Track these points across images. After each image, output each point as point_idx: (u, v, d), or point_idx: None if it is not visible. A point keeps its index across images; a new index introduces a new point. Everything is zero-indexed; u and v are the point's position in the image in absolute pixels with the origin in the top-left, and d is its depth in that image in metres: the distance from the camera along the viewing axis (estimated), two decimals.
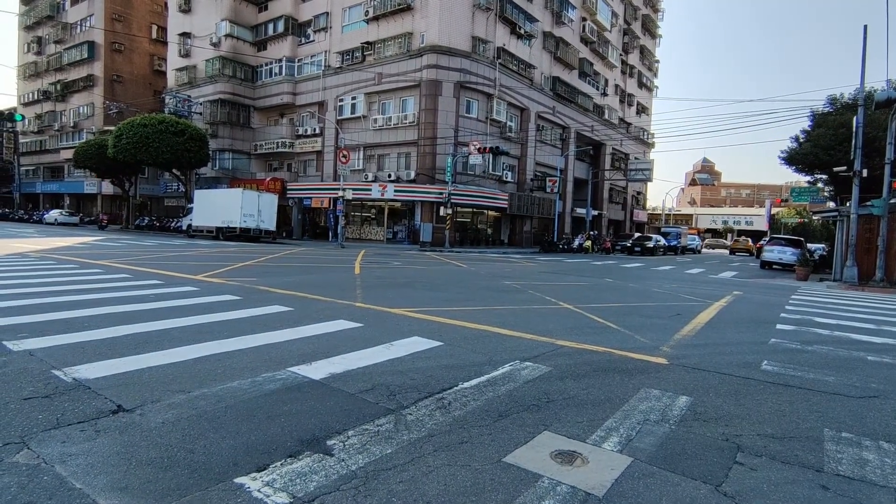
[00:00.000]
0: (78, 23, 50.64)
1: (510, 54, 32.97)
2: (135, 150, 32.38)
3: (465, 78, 30.14)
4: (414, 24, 30.37)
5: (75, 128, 50.56)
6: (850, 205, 18.07)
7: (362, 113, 32.61)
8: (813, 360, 5.54)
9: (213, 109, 38.16)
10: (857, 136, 17.05)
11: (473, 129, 30.91)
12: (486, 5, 30.79)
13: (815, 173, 28.95)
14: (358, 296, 8.79)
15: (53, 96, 52.27)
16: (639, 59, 52.69)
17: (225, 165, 39.28)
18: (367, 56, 32.38)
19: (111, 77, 48.32)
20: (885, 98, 15.42)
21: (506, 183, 34.15)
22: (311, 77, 35.51)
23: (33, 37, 55.82)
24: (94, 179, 46.76)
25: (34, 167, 58.04)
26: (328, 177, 34.10)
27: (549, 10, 36.46)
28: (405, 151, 31.53)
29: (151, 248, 18.47)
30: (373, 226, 33.51)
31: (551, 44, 36.84)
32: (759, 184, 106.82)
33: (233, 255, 16.61)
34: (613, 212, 50.45)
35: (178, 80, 41.76)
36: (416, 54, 30.03)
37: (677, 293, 11.89)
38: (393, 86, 31.26)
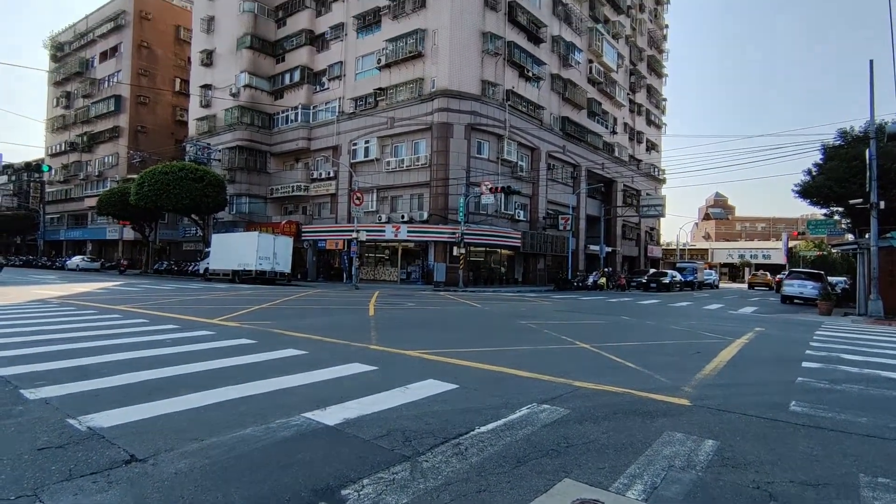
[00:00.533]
0: (106, 78, 53.14)
1: (519, 96, 33.72)
2: (156, 196, 33.32)
3: (475, 120, 30.80)
4: (425, 69, 31.34)
5: (100, 177, 52.32)
6: (869, 237, 17.78)
7: (375, 156, 33.31)
8: (843, 400, 5.33)
9: (231, 156, 39.30)
10: (871, 168, 16.95)
11: (485, 170, 31.34)
12: (495, 51, 31.75)
13: (830, 206, 28.65)
14: (372, 338, 8.75)
15: (80, 147, 54.37)
16: (646, 98, 53.51)
17: (242, 209, 40.12)
18: (380, 101, 33.34)
19: (135, 128, 50.26)
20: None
21: (518, 221, 34.29)
22: (325, 123, 36.56)
23: (62, 92, 58.55)
24: (116, 225, 48.00)
25: (59, 215, 59.82)
26: (342, 219, 34.57)
27: (556, 53, 37.45)
28: (418, 192, 31.96)
29: (169, 293, 18.70)
30: (386, 266, 33.65)
31: (559, 85, 37.66)
32: (773, 217, 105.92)
33: (248, 299, 16.72)
34: (627, 248, 50.17)
35: (198, 129, 43.26)
36: (427, 98, 30.86)
37: (696, 330, 11.64)
38: (405, 129, 32.02)
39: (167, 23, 53.54)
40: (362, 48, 34.79)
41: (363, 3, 34.69)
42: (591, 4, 41.49)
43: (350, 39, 35.54)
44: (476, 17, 31.22)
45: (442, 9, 30.49)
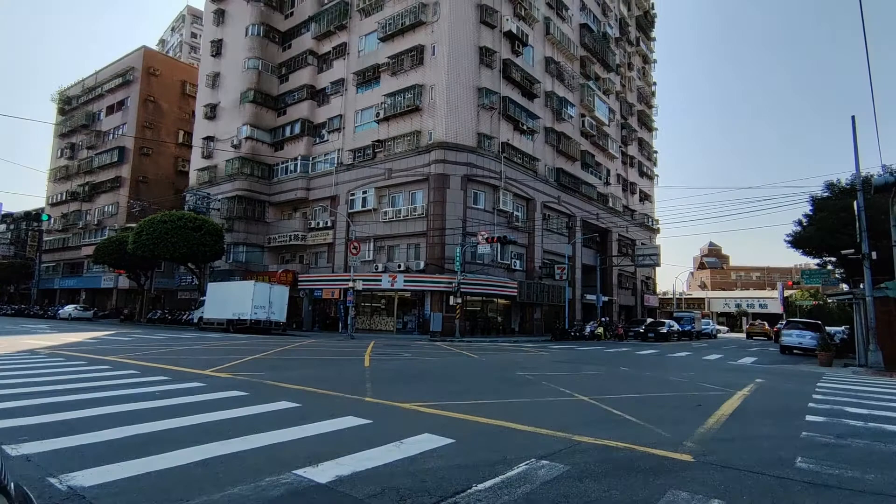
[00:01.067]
0: (111, 130, 54.42)
1: (514, 148, 34.58)
2: (153, 245, 33.40)
3: (471, 171, 31.43)
4: (422, 123, 32.26)
5: (98, 225, 52.61)
6: (863, 287, 17.85)
7: (373, 206, 33.73)
8: (850, 456, 5.20)
9: (231, 205, 39.72)
10: (860, 219, 17.24)
11: (481, 220, 31.70)
12: (490, 105, 32.82)
13: (822, 256, 28.94)
14: (367, 390, 8.57)
15: (81, 197, 54.93)
16: (638, 151, 54.93)
17: (239, 258, 40.16)
18: (378, 153, 34.10)
19: (137, 178, 51.01)
20: (882, 183, 15.78)
21: (514, 271, 34.38)
22: (324, 173, 37.22)
23: (67, 143, 59.75)
24: (112, 274, 47.84)
25: (55, 263, 59.67)
26: (339, 268, 34.59)
27: (550, 108, 38.71)
28: (414, 242, 32.17)
29: (161, 342, 18.41)
30: (383, 316, 33.41)
31: (553, 138, 38.71)
32: (768, 266, 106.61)
33: (242, 349, 16.47)
34: (624, 297, 50.11)
35: (199, 179, 43.91)
36: (424, 150, 31.59)
37: (697, 382, 11.47)
38: (403, 180, 32.59)
39: (173, 78, 55.38)
40: (361, 102, 35.92)
41: (363, 61, 36.10)
42: (582, 63, 43.26)
43: (350, 94, 36.74)
44: (472, 74, 32.45)
45: (439, 66, 31.72)
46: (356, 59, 36.81)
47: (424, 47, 32.60)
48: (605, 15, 48.40)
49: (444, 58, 31.51)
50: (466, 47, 32.32)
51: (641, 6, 58.51)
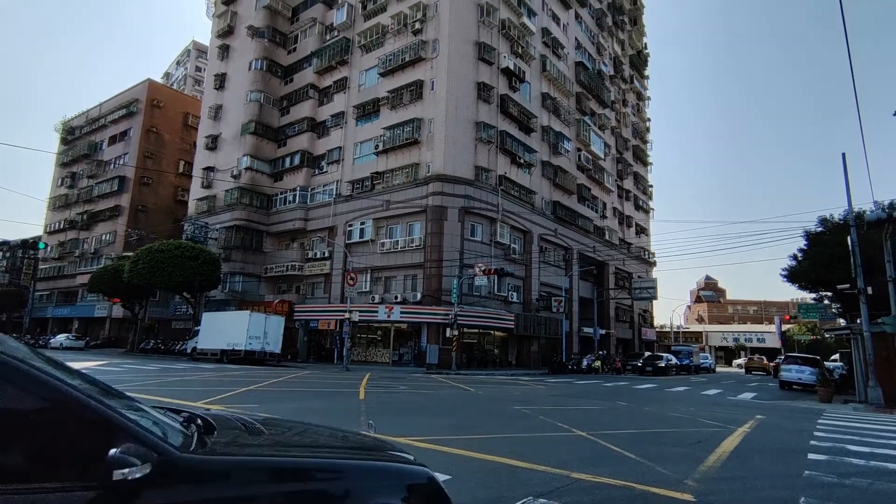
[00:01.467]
0: (112, 160, 54.91)
1: (511, 181, 34.98)
2: (149, 273, 33.28)
3: (469, 204, 31.70)
4: (421, 155, 32.69)
5: (95, 254, 52.46)
6: (860, 322, 17.85)
7: (371, 237, 33.84)
8: (853, 496, 5.11)
9: (228, 235, 39.79)
10: (854, 254, 17.37)
11: (478, 252, 31.79)
12: (488, 139, 33.36)
13: (818, 290, 29.02)
14: (362, 423, 8.43)
15: (79, 225, 54.99)
16: (633, 185, 55.64)
17: (235, 288, 39.99)
18: (377, 185, 34.42)
19: (136, 207, 51.20)
20: (875, 219, 15.98)
21: (511, 304, 34.28)
22: (322, 204, 37.46)
23: (68, 172, 60.15)
24: (106, 303, 47.45)
25: (49, 292, 59.23)
26: (335, 299, 34.44)
27: (546, 142, 39.36)
28: (412, 274, 32.15)
29: (153, 373, 18.14)
30: (378, 348, 33.09)
31: (550, 171, 39.21)
32: (765, 300, 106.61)
33: (235, 380, 16.23)
34: (621, 330, 49.87)
35: (197, 209, 44.11)
36: (422, 182, 31.92)
37: (696, 417, 11.32)
38: (400, 212, 32.80)
39: (177, 110, 56.27)
40: (361, 135, 36.47)
41: (363, 95, 36.83)
42: (578, 99, 44.22)
43: (350, 127, 37.34)
44: (470, 109, 33.09)
45: (438, 101, 32.37)
46: (356, 92, 37.57)
47: (424, 82, 33.34)
48: (600, 53, 49.76)
49: (443, 93, 32.19)
50: (465, 83, 33.06)
51: (634, 46, 60.24)
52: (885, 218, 16.12)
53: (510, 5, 36.50)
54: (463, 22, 33.61)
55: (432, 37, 33.50)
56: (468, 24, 33.95)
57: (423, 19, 33.94)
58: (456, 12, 33.24)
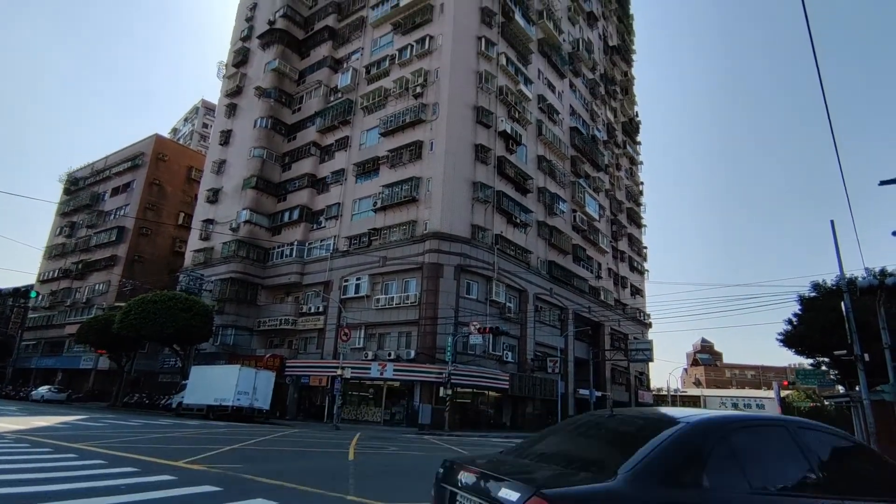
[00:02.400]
0: (113, 210, 55.50)
1: (507, 240, 35.38)
2: (140, 324, 32.82)
3: (465, 262, 31.90)
4: (418, 213, 33.22)
5: (87, 304, 51.97)
6: (859, 389, 17.61)
7: (366, 293, 33.77)
8: None
9: (223, 287, 39.64)
10: (849, 321, 17.39)
11: (473, 310, 31.68)
12: (484, 199, 34.03)
13: (815, 356, 28.82)
14: (350, 487, 8.12)
15: (73, 274, 54.77)
16: (628, 246, 56.30)
17: (226, 341, 39.39)
18: (374, 241, 34.74)
19: (132, 257, 51.24)
20: (867, 285, 16.12)
21: (506, 363, 33.80)
22: (319, 259, 37.62)
23: (68, 221, 60.62)
24: (92, 355, 46.46)
25: (36, 341, 58.15)
26: (328, 354, 33.92)
27: (542, 202, 40.14)
28: (406, 331, 31.86)
29: (135, 429, 17.54)
30: (370, 406, 32.25)
31: (545, 231, 39.76)
32: (762, 365, 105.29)
33: (220, 437, 15.70)
34: (617, 393, 48.89)
35: (194, 260, 44.17)
36: (419, 239, 32.24)
37: None
38: (397, 268, 32.92)
39: (180, 164, 57.54)
40: (360, 192, 37.19)
41: (363, 153, 37.87)
42: (573, 162, 45.54)
43: (349, 184, 38.13)
44: (468, 169, 33.97)
45: (436, 161, 33.28)
46: (357, 151, 38.64)
47: (423, 143, 34.39)
48: (594, 120, 51.73)
49: (442, 153, 33.15)
50: (463, 144, 34.12)
51: (626, 114, 62.75)
52: (877, 285, 16.27)
53: (508, 73, 38.28)
54: (462, 87, 35.12)
55: (432, 100, 34.89)
56: (467, 89, 35.46)
57: (424, 84, 35.47)
58: (456, 78, 34.81)
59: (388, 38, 40.08)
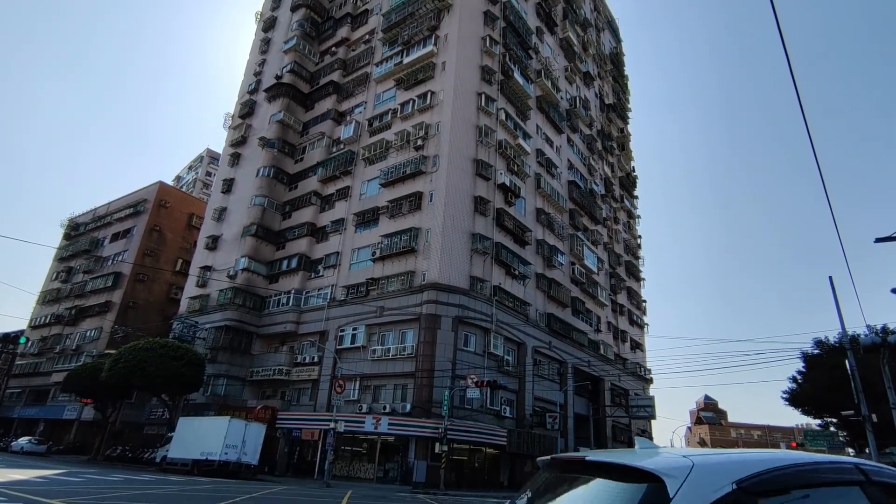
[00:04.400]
0: (111, 256, 55.43)
1: (506, 292, 35.17)
2: (129, 373, 32.00)
3: (463, 313, 31.57)
4: (417, 264, 33.18)
5: (76, 350, 50.95)
6: (868, 451, 17.01)
7: (362, 343, 33.23)
8: None
9: (217, 335, 39.01)
10: (854, 379, 17.03)
11: (471, 363, 31.07)
12: (483, 250, 34.10)
13: (823, 416, 28.08)
14: None
15: (65, 320, 54.01)
16: (627, 300, 56.02)
17: (217, 391, 38.35)
18: (371, 290, 34.51)
19: (127, 303, 50.71)
20: (870, 343, 15.88)
21: (504, 418, 32.83)
22: (316, 308, 37.25)
23: (65, 267, 60.39)
24: (76, 404, 45.11)
25: (21, 389, 56.57)
26: (321, 406, 32.98)
27: (541, 255, 40.23)
28: (402, 383, 31.12)
29: (115, 485, 16.72)
30: (363, 462, 31.00)
31: (544, 284, 39.62)
32: (769, 425, 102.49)
33: (202, 496, 14.93)
34: None
35: (189, 307, 43.71)
36: (417, 290, 32.03)
37: None
38: (394, 318, 32.54)
39: (182, 211, 58.04)
40: (359, 241, 37.30)
41: (364, 203, 38.27)
42: (571, 215, 46.03)
43: (348, 233, 38.31)
44: (466, 221, 34.22)
45: (436, 212, 33.58)
46: (357, 201, 39.07)
47: (423, 194, 34.82)
48: (591, 174, 52.70)
49: (441, 205, 33.49)
50: (462, 196, 34.54)
51: (623, 168, 64.06)
52: (879, 342, 16.02)
53: (507, 128, 39.30)
54: (462, 141, 35.94)
55: (433, 153, 35.62)
56: (467, 142, 36.27)
57: (424, 137, 36.33)
58: (456, 132, 35.68)
59: (390, 92, 41.43)
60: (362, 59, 45.56)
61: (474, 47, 39.61)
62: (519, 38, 43.87)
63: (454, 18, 39.65)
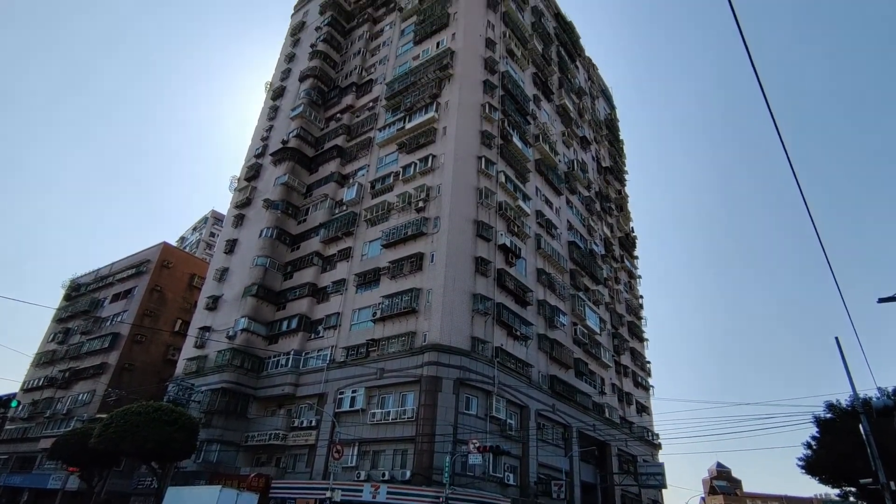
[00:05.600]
0: (111, 317, 55.09)
1: (507, 353, 34.65)
2: (119, 438, 30.90)
3: (464, 375, 30.96)
4: (418, 324, 32.91)
5: (67, 415, 49.55)
6: None
7: (362, 406, 32.40)
8: None
9: (213, 398, 38.06)
10: (870, 446, 16.45)
11: (473, 427, 30.14)
12: (485, 311, 33.92)
13: (841, 485, 26.84)
14: None
15: (58, 383, 52.89)
16: (631, 361, 55.05)
17: (210, 458, 36.93)
18: (372, 352, 34.04)
19: (123, 365, 49.84)
20: (882, 406, 15.49)
21: (508, 486, 31.42)
22: (315, 370, 36.60)
23: (62, 328, 59.87)
24: (62, 473, 43.33)
25: (7, 456, 54.56)
26: (318, 473, 31.68)
27: (542, 315, 39.94)
28: (402, 448, 30.05)
29: None
30: None
31: (546, 345, 39.09)
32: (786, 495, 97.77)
33: None
34: None
35: (186, 369, 42.94)
36: (418, 351, 31.59)
37: None
38: (394, 381, 31.89)
39: (184, 271, 58.28)
40: (360, 302, 37.19)
41: (365, 264, 38.47)
42: (572, 275, 46.11)
43: (349, 294, 38.26)
44: (468, 281, 34.26)
45: (437, 273, 33.69)
46: (359, 261, 39.30)
47: (424, 255, 35.07)
48: (591, 234, 53.29)
49: (442, 265, 33.66)
50: (463, 256, 34.77)
51: (622, 229, 64.85)
52: (892, 406, 15.60)
53: (506, 190, 40.15)
54: (463, 202, 36.62)
55: (434, 214, 36.20)
56: (468, 204, 36.95)
57: (426, 199, 37.06)
58: (457, 195, 36.43)
59: (393, 156, 42.70)
60: (366, 124, 47.31)
61: (474, 113, 41.21)
62: (517, 104, 45.73)
63: (455, 87, 41.52)
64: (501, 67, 45.93)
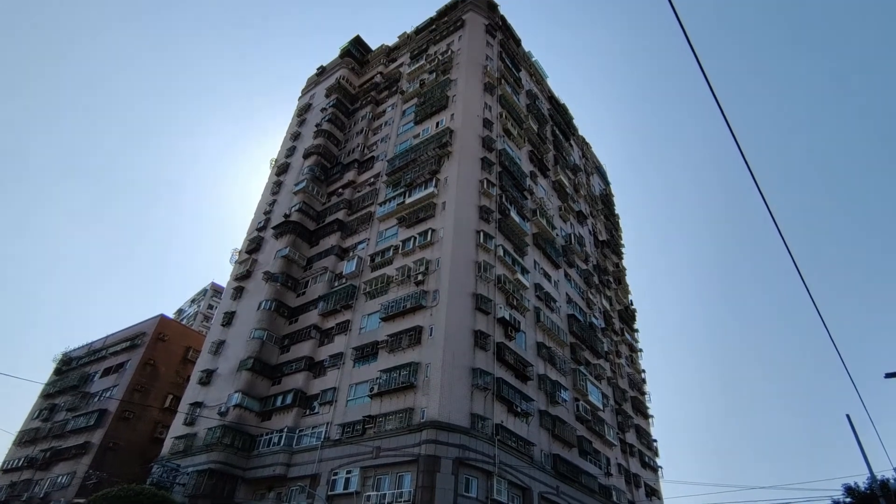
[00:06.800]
0: (99, 392, 53.47)
1: (508, 431, 33.42)
2: None
3: (464, 454, 29.68)
4: (416, 400, 31.98)
5: (43, 500, 46.84)
6: None
7: (356, 488, 30.75)
8: None
9: (199, 480, 36.16)
10: None
11: None
12: (484, 385, 33.09)
13: None
14: None
15: (37, 464, 50.44)
16: (636, 439, 53.00)
17: None
18: (368, 429, 32.83)
19: (107, 444, 47.70)
20: None
21: None
22: (308, 448, 35.11)
23: (49, 404, 57.87)
24: None
25: None
26: None
27: (543, 391, 38.93)
28: None
29: None
30: None
31: (548, 421, 37.79)
32: None
33: None
34: None
35: (173, 448, 41.11)
36: (416, 429, 30.47)
37: None
38: (391, 460, 30.51)
39: (179, 344, 57.29)
40: (357, 376, 36.36)
41: (363, 337, 38.00)
42: (573, 349, 45.44)
43: (347, 368, 37.50)
44: (467, 355, 33.70)
45: (435, 346, 33.22)
46: (357, 335, 38.85)
47: (423, 328, 34.75)
48: (590, 308, 53.09)
49: (441, 338, 33.26)
50: (462, 330, 34.43)
51: (622, 302, 64.74)
52: None
53: (505, 264, 40.49)
54: (462, 276, 36.81)
55: (433, 287, 36.27)
56: (467, 278, 37.12)
57: (425, 272, 37.28)
58: (456, 268, 36.70)
59: (392, 230, 43.46)
60: (367, 199, 48.53)
61: (473, 189, 42.42)
62: (514, 180, 47.20)
63: (454, 164, 43.06)
64: (499, 145, 47.85)
